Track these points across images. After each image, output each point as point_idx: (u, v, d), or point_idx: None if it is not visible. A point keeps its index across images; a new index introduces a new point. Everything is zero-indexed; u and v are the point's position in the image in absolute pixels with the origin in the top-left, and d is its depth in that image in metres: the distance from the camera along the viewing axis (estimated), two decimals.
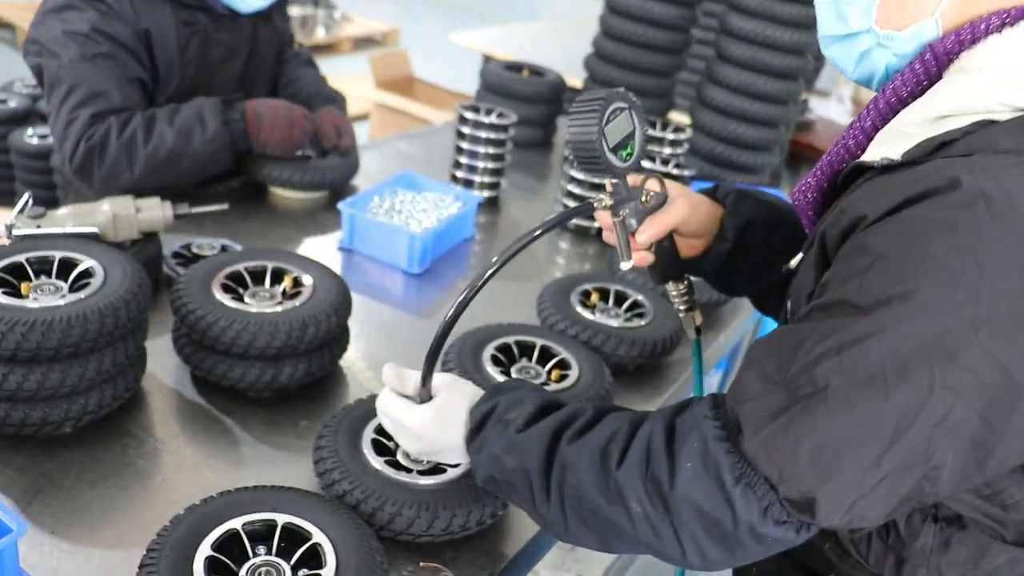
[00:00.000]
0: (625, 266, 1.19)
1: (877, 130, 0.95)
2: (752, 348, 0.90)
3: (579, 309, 1.68)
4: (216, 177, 2.06)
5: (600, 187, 2.16)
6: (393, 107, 5.81)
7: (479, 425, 1.05)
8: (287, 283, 1.47)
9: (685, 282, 1.30)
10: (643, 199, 1.19)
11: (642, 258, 1.24)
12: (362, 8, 8.89)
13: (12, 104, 3.61)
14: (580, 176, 2.17)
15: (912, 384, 0.76)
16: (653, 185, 1.21)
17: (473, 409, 1.07)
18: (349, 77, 6.92)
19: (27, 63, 1.92)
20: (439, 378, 1.11)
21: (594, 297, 1.75)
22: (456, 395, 1.09)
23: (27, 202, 1.55)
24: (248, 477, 1.27)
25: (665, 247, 1.25)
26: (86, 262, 1.33)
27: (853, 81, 1.06)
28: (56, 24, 1.86)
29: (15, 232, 1.49)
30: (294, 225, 2.03)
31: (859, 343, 0.78)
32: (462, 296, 1.05)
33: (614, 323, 1.66)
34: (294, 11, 7.47)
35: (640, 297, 1.76)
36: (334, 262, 1.90)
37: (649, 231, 1.19)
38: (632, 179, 1.20)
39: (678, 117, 2.86)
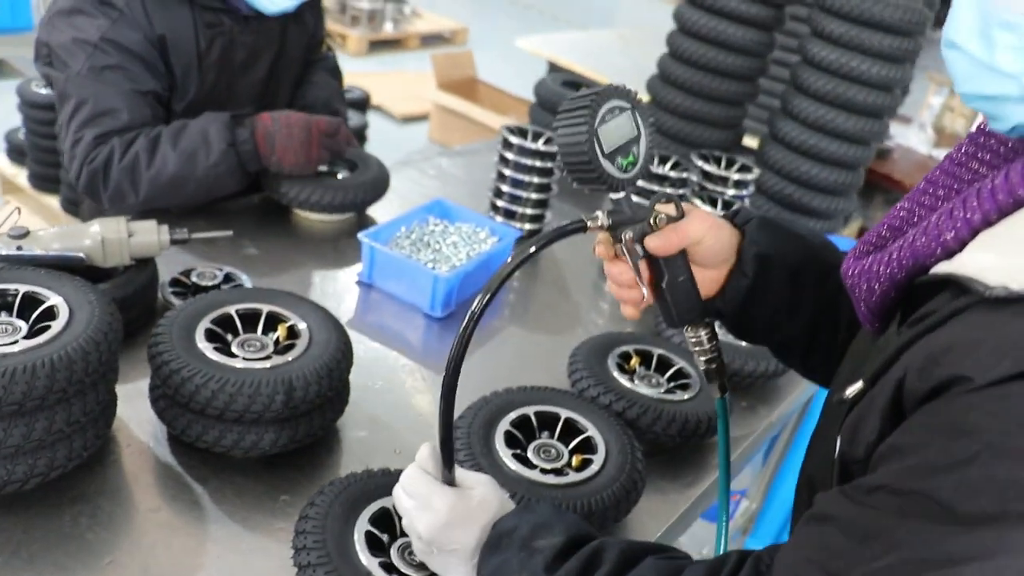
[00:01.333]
0: (644, 300, 1.02)
1: (989, 224, 0.70)
2: (802, 525, 0.71)
3: (615, 374, 1.48)
4: (234, 193, 1.91)
5: None
6: (454, 110, 5.65)
7: (497, 543, 0.91)
8: (280, 333, 1.30)
9: (707, 327, 1.06)
10: (652, 221, 0.98)
11: (631, 293, 1.03)
12: (436, 4, 8.77)
13: None
14: None
15: None
16: (667, 209, 0.99)
17: (497, 522, 0.93)
18: (412, 75, 6.81)
19: (37, 68, 1.79)
20: (478, 475, 0.99)
21: (634, 361, 1.54)
22: (492, 495, 0.96)
23: (12, 217, 1.42)
24: (208, 565, 1.10)
25: (681, 281, 1.01)
26: (51, 299, 1.17)
27: (968, 105, 0.83)
28: (66, 29, 1.73)
29: None
30: (311, 252, 1.86)
31: (950, 568, 0.58)
32: (445, 380, 0.93)
33: (653, 393, 1.45)
34: (363, 3, 7.37)
35: (686, 365, 1.55)
36: (350, 297, 1.73)
37: (657, 242, 0.98)
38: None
39: (750, 142, 2.63)
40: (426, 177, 2.35)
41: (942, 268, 0.71)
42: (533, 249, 0.94)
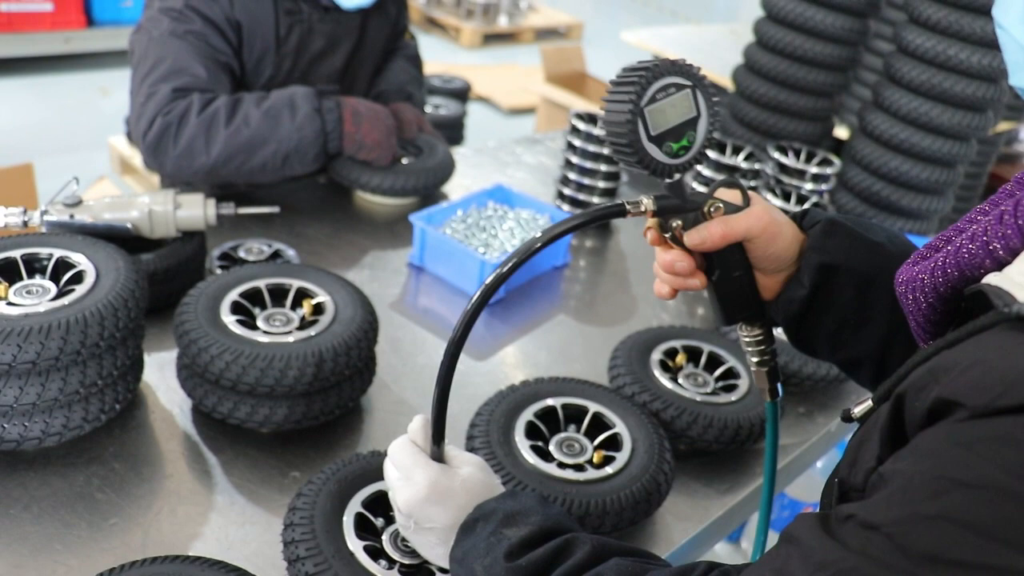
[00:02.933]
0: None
1: None
2: (776, 543, 0.63)
3: (656, 372, 1.40)
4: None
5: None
6: (560, 103, 5.60)
7: (472, 526, 0.86)
8: (306, 309, 1.30)
9: (762, 326, 0.96)
10: (707, 210, 0.88)
11: (687, 281, 0.92)
12: (558, 0, 8.73)
13: None
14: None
15: None
16: (729, 196, 0.90)
17: (478, 505, 0.88)
18: (523, 69, 6.80)
19: (129, 43, 1.85)
20: (470, 455, 0.95)
21: (680, 358, 1.46)
22: (478, 476, 0.91)
23: (70, 186, 1.46)
24: (207, 534, 1.10)
25: (736, 277, 0.92)
26: (81, 264, 1.20)
27: None
28: (155, 4, 1.78)
29: (46, 219, 1.41)
30: (367, 233, 1.85)
31: None
32: (446, 353, 0.89)
33: (696, 394, 1.37)
34: None
35: (737, 364, 1.46)
36: (400, 279, 1.71)
37: (696, 238, 0.88)
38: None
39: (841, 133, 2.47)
40: (500, 164, 2.32)
41: (987, 281, 0.61)
42: (560, 230, 0.84)
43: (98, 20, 5.55)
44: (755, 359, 0.98)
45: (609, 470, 1.18)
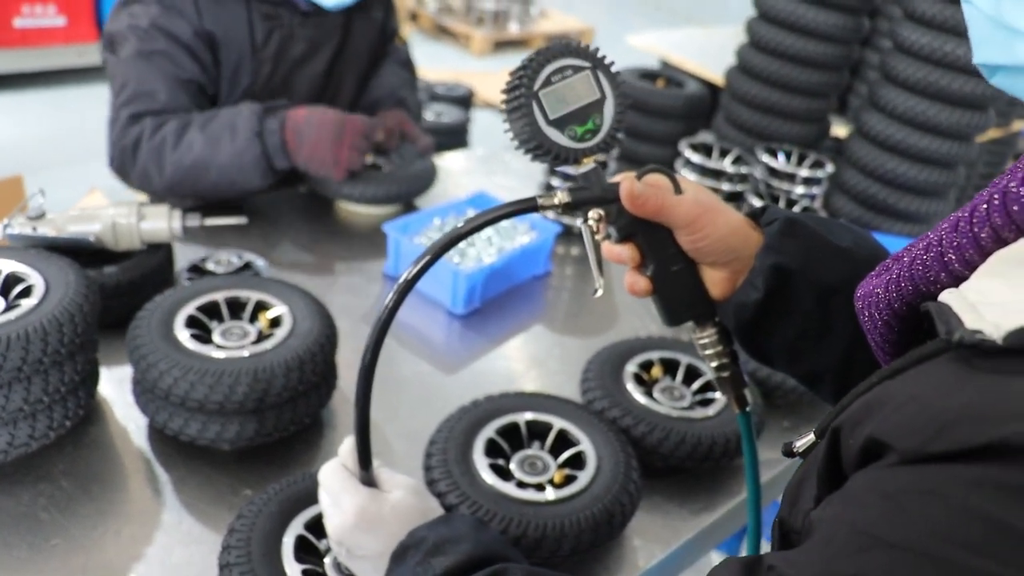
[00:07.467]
0: (598, 292, 0.84)
1: (1001, 244, 0.52)
2: None
3: (629, 385, 1.35)
4: (282, 182, 1.90)
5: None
6: None
7: (402, 554, 0.83)
8: (263, 322, 1.27)
9: (713, 325, 0.88)
10: None
11: (634, 282, 0.85)
12: (572, 5, 8.69)
13: None
14: None
15: None
16: (655, 181, 0.83)
17: (411, 532, 0.85)
18: None
19: (101, 56, 1.85)
20: (403, 478, 0.92)
21: (656, 370, 1.41)
22: (409, 501, 0.88)
23: (32, 200, 1.45)
24: (151, 557, 1.06)
25: (676, 272, 0.85)
26: (32, 279, 1.17)
27: (991, 82, 0.65)
28: (124, 17, 1.78)
29: (8, 232, 1.39)
30: (344, 243, 1.82)
31: None
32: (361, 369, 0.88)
33: (670, 409, 1.32)
34: (488, 4, 7.39)
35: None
36: (374, 290, 1.68)
37: (627, 187, 0.79)
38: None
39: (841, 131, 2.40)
40: (489, 171, 2.28)
41: (942, 298, 0.53)
42: (458, 234, 0.80)
43: None
44: (714, 363, 0.90)
45: (570, 490, 1.13)
